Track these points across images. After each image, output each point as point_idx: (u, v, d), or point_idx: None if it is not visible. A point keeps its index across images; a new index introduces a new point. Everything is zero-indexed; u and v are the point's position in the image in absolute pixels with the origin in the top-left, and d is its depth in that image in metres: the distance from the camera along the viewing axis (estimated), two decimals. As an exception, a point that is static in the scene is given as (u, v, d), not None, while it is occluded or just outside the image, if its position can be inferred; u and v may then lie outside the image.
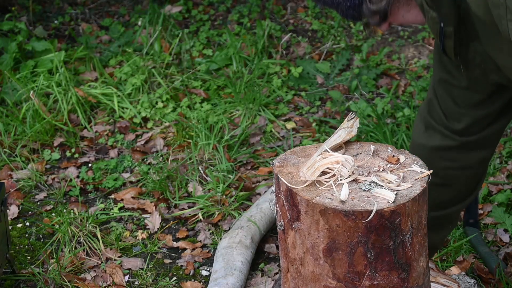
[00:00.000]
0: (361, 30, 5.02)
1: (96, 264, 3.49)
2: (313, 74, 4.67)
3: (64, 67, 4.49)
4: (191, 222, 3.72)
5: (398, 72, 4.70)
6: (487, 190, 3.73)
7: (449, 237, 3.48)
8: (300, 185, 2.27)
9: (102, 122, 4.38)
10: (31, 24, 5.15)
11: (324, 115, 4.36)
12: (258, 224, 3.48)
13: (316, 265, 2.29)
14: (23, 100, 4.39)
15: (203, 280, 3.42)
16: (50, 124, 4.25)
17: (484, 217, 3.61)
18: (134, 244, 3.60)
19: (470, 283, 3.12)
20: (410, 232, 2.25)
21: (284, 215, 2.32)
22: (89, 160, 4.14)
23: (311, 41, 5.00)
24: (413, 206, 2.22)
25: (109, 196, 3.90)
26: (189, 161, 4.02)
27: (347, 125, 2.46)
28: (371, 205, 2.18)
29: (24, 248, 3.59)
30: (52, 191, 3.93)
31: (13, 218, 3.76)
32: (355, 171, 2.30)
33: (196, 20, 5.22)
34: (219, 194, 3.78)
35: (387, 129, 4.01)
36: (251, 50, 4.75)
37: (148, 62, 4.64)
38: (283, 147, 4.13)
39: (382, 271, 2.26)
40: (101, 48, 4.92)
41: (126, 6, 5.42)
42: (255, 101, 4.34)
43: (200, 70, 4.65)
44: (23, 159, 4.11)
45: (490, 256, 3.32)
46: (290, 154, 2.43)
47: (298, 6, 5.34)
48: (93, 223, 3.63)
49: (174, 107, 4.42)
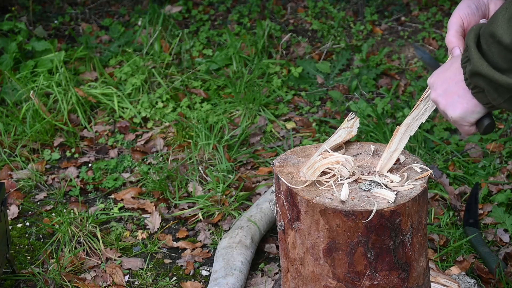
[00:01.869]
0: (361, 30, 5.01)
1: (96, 264, 3.49)
2: (313, 74, 4.67)
3: (64, 67, 4.49)
4: (191, 222, 3.72)
5: (398, 72, 4.70)
6: (487, 190, 3.73)
7: (449, 237, 3.48)
8: (300, 185, 2.27)
9: (102, 122, 4.38)
10: (31, 24, 5.15)
11: (324, 115, 4.36)
12: (258, 224, 3.47)
13: (316, 265, 2.29)
14: (23, 100, 4.39)
15: (203, 280, 3.42)
16: (50, 124, 4.25)
17: (484, 217, 3.61)
18: (134, 244, 3.60)
19: (470, 283, 3.12)
20: (410, 232, 2.25)
21: (284, 215, 2.32)
22: (89, 160, 4.14)
23: (311, 41, 5.00)
24: (413, 206, 2.22)
25: (109, 196, 3.90)
26: (189, 161, 4.02)
27: (347, 125, 2.46)
28: (371, 205, 2.18)
29: (24, 248, 3.59)
30: (52, 191, 3.93)
31: (13, 218, 3.76)
32: (356, 171, 2.31)
33: (196, 20, 5.22)
34: (219, 194, 3.78)
35: (387, 129, 4.01)
36: (251, 50, 4.75)
37: (148, 62, 4.64)
38: (283, 147, 4.13)
39: (382, 271, 2.26)
40: (101, 48, 4.92)
41: (126, 6, 5.42)
42: (255, 101, 4.34)
43: (200, 70, 4.65)
44: (23, 159, 4.11)
45: (490, 256, 3.32)
46: (290, 154, 2.43)
47: (298, 6, 5.35)
48: (93, 223, 3.63)
49: (174, 107, 4.42)
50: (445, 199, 3.71)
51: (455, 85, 2.12)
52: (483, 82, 2.03)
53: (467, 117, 2.14)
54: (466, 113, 2.13)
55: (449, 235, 3.48)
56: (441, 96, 2.16)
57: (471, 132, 2.18)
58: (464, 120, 2.15)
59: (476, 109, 2.11)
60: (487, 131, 2.16)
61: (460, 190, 3.75)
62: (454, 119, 2.16)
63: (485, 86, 2.03)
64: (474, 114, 2.13)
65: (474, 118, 2.14)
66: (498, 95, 2.02)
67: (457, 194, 3.72)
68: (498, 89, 2.01)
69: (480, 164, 3.90)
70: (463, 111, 2.13)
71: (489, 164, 3.89)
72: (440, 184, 3.76)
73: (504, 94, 2.02)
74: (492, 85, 2.02)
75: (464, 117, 2.14)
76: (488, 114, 2.14)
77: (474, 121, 2.15)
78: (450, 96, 2.14)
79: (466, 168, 3.87)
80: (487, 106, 2.09)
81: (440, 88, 2.16)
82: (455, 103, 2.13)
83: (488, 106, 2.08)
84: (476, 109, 2.11)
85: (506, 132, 4.15)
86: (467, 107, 2.12)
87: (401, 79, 4.63)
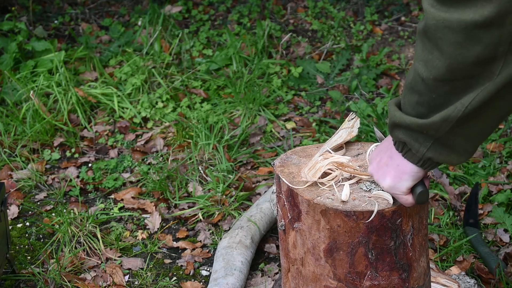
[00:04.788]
0: (361, 30, 5.01)
1: (96, 264, 3.49)
2: (313, 74, 4.67)
3: (64, 67, 4.49)
4: (191, 222, 3.71)
5: (398, 72, 4.70)
6: (487, 190, 3.73)
7: (449, 237, 3.48)
8: (301, 185, 2.27)
9: (102, 122, 4.38)
10: (31, 24, 5.15)
11: (324, 115, 4.36)
12: (258, 224, 3.47)
13: (317, 265, 2.29)
14: (23, 100, 4.39)
15: (203, 280, 3.42)
16: (50, 124, 4.25)
17: (484, 217, 3.61)
18: (134, 244, 3.60)
19: (470, 283, 3.12)
20: (411, 232, 2.25)
21: (285, 215, 2.32)
22: (89, 160, 4.14)
23: (311, 41, 5.00)
24: (414, 206, 2.22)
25: (109, 196, 3.90)
26: (189, 161, 4.02)
27: (348, 126, 2.46)
28: (372, 205, 2.18)
29: (24, 248, 3.59)
30: (52, 191, 3.93)
31: (13, 218, 3.76)
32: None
33: (196, 20, 5.22)
34: (219, 194, 3.78)
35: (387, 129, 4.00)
36: (251, 50, 4.75)
37: (148, 62, 4.64)
38: (283, 147, 4.13)
39: (383, 271, 2.26)
40: (101, 48, 4.92)
41: (126, 6, 5.42)
42: (255, 101, 4.34)
43: (200, 70, 4.65)
44: (23, 159, 4.11)
45: (490, 256, 3.32)
46: (291, 154, 2.43)
47: (298, 6, 5.35)
48: (93, 223, 3.63)
49: (174, 107, 4.42)
50: (445, 199, 3.71)
51: (384, 154, 2.11)
52: (402, 133, 2.01)
53: (397, 185, 2.10)
54: (395, 182, 2.10)
55: (449, 235, 3.48)
56: (374, 169, 2.15)
57: (408, 202, 2.13)
58: (396, 190, 2.11)
59: (404, 176, 2.07)
60: (421, 200, 2.11)
61: (460, 190, 3.75)
62: (386, 190, 2.14)
63: (405, 139, 2.00)
64: (403, 182, 2.09)
65: (404, 186, 2.10)
66: (420, 145, 1.98)
67: (457, 194, 3.72)
68: (418, 138, 1.98)
69: (480, 164, 3.90)
70: (391, 179, 2.10)
71: (489, 164, 3.89)
72: (440, 184, 3.76)
73: (425, 142, 1.98)
74: (409, 133, 1.99)
75: (394, 186, 2.11)
76: (420, 181, 2.10)
77: (406, 190, 2.11)
78: (381, 167, 2.13)
79: (466, 168, 3.87)
80: (418, 166, 2.03)
81: (374, 161, 2.16)
82: (385, 173, 2.11)
83: (419, 165, 2.03)
84: (404, 176, 2.07)
85: (506, 132, 4.15)
86: (395, 175, 2.09)
87: (401, 79, 4.63)
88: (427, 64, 1.89)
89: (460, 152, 1.98)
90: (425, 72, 1.90)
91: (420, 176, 2.08)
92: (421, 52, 1.90)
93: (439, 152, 1.98)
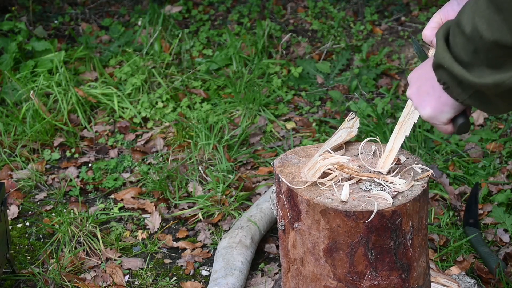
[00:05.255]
0: (361, 30, 5.01)
1: (96, 264, 3.49)
2: (313, 74, 4.67)
3: (64, 67, 4.49)
4: (191, 222, 3.71)
5: (398, 72, 4.70)
6: (487, 190, 3.73)
7: (449, 237, 3.48)
8: (301, 185, 2.27)
9: (102, 122, 4.38)
10: (31, 24, 5.15)
11: (324, 115, 4.36)
12: (258, 224, 3.47)
13: (317, 265, 2.29)
14: (23, 100, 4.39)
15: (203, 280, 3.42)
16: (50, 124, 4.25)
17: (484, 217, 3.61)
18: (134, 244, 3.60)
19: (470, 283, 3.11)
20: (411, 232, 2.25)
21: (285, 215, 2.32)
22: (89, 160, 4.14)
23: (311, 41, 5.00)
24: (413, 206, 2.22)
25: (109, 196, 3.90)
26: (189, 161, 4.02)
27: (348, 125, 2.46)
28: (372, 205, 2.18)
29: (24, 248, 3.59)
30: (52, 191, 3.93)
31: (13, 218, 3.76)
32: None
33: (196, 20, 5.22)
34: (219, 194, 3.78)
35: (387, 129, 4.01)
36: (251, 50, 4.75)
37: (148, 62, 4.64)
38: (283, 147, 4.13)
39: (382, 271, 2.25)
40: (101, 48, 4.92)
41: (126, 6, 5.42)
42: (255, 101, 4.34)
43: (200, 70, 4.65)
44: (23, 159, 4.11)
45: (490, 256, 3.32)
46: (290, 154, 2.43)
47: (298, 6, 5.34)
48: (93, 223, 3.63)
49: (174, 107, 4.42)
50: (445, 199, 3.71)
51: (426, 82, 2.03)
52: (446, 76, 1.94)
53: (438, 116, 2.04)
54: (435, 113, 2.03)
55: (449, 235, 3.48)
56: (414, 94, 2.08)
57: (448, 131, 2.07)
58: (436, 120, 2.05)
59: (445, 108, 2.02)
60: (461, 131, 2.05)
61: (460, 190, 3.75)
62: (426, 119, 2.07)
63: (448, 80, 1.94)
64: (444, 114, 2.03)
65: (445, 117, 2.04)
66: (461, 90, 1.93)
67: (457, 194, 3.72)
68: (461, 84, 1.91)
69: (480, 164, 3.90)
70: (432, 110, 2.03)
71: (489, 164, 3.89)
72: (440, 184, 3.76)
73: (467, 90, 1.92)
74: (454, 79, 1.92)
75: (435, 117, 2.05)
76: (463, 112, 2.05)
77: (446, 121, 2.05)
78: (421, 94, 2.05)
79: (466, 168, 3.87)
80: (459, 102, 1.98)
81: (414, 86, 2.08)
82: (425, 102, 2.04)
83: (460, 101, 1.97)
84: (445, 108, 2.02)
85: (506, 132, 4.15)
86: (436, 106, 2.02)
87: (401, 79, 4.63)
88: (491, 24, 1.79)
89: (500, 108, 1.93)
90: (487, 31, 1.80)
91: (462, 108, 2.02)
92: (485, 8, 1.80)
93: (479, 102, 1.92)
